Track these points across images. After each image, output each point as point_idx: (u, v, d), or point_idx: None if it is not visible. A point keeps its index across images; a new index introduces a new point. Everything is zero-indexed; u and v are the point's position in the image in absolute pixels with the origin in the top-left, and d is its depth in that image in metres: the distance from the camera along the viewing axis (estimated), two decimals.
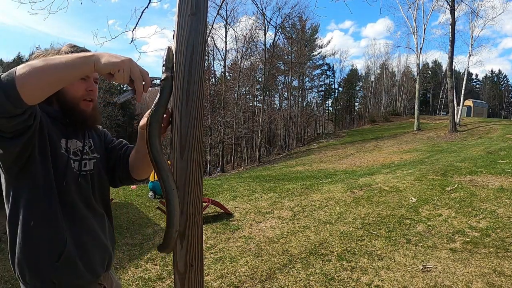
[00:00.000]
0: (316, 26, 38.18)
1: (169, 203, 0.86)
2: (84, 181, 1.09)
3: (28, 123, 0.86)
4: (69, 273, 1.01)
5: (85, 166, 1.11)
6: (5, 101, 0.76)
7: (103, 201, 1.19)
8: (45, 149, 0.98)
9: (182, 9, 0.85)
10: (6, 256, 3.64)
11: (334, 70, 47.62)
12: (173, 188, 0.86)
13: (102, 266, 1.12)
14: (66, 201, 1.02)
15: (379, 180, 7.71)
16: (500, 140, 15.05)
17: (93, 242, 1.09)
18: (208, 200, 5.61)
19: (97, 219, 1.13)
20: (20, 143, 0.89)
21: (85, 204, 1.09)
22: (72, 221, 1.03)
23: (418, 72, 27.42)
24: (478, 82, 63.92)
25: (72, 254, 1.01)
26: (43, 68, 0.79)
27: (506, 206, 4.99)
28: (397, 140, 21.45)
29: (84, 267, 1.04)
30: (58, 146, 1.03)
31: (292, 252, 3.93)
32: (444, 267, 3.29)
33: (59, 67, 0.80)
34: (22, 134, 0.88)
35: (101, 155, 1.20)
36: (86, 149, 1.13)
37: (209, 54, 28.47)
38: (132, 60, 0.86)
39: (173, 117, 0.87)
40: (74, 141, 1.10)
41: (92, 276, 1.08)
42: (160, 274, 3.43)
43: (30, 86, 0.77)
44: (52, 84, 0.82)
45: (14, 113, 0.79)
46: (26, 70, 0.77)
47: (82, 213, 1.07)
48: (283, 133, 36.99)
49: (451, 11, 19.06)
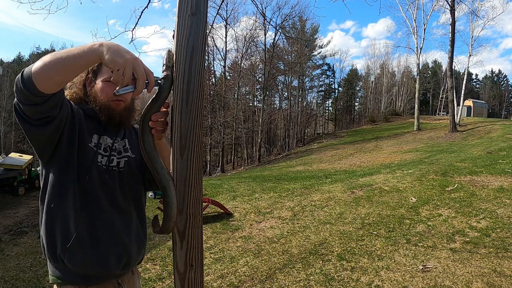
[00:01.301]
0: (316, 26, 38.24)
1: (166, 195, 0.86)
2: (110, 177, 1.13)
3: (52, 113, 0.97)
4: (78, 259, 1.06)
5: (112, 162, 1.15)
6: (25, 90, 0.88)
7: (135, 200, 1.21)
8: (73, 141, 1.07)
9: (182, 9, 0.85)
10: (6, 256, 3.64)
11: (334, 70, 47.66)
12: (169, 180, 0.86)
13: (117, 265, 1.12)
14: (88, 193, 1.08)
15: (379, 180, 7.71)
16: (500, 140, 15.04)
17: (110, 238, 1.10)
18: (208, 200, 5.61)
19: (122, 216, 1.15)
20: (47, 131, 0.99)
21: (109, 199, 1.12)
22: (91, 212, 1.08)
23: (418, 72, 27.41)
24: (478, 82, 63.94)
25: (84, 242, 1.06)
26: (51, 60, 0.86)
27: (506, 206, 4.99)
28: (397, 140, 21.45)
29: (94, 259, 1.07)
30: (88, 141, 1.11)
31: (292, 252, 3.93)
32: (444, 267, 3.29)
33: (66, 58, 0.86)
34: (47, 123, 0.98)
35: (137, 155, 1.23)
36: (116, 146, 1.18)
37: (209, 54, 28.44)
38: (137, 60, 0.86)
39: (173, 117, 0.87)
40: (105, 137, 1.16)
41: (103, 270, 1.09)
42: (160, 274, 3.43)
43: (42, 76, 0.86)
44: (61, 73, 0.87)
45: (35, 101, 0.90)
46: (39, 63, 0.87)
47: (102, 208, 1.10)
48: (283, 133, 37.00)
49: (451, 11, 19.05)
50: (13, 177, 9.08)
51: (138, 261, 1.25)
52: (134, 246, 1.17)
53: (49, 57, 0.87)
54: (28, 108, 0.92)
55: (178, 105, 0.85)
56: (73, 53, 0.86)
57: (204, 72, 0.90)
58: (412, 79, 41.66)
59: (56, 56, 0.86)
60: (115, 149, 1.17)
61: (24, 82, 0.87)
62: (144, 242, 1.24)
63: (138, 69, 0.85)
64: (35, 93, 0.88)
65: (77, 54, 0.86)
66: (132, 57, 0.85)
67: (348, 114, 51.48)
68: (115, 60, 0.83)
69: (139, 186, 1.23)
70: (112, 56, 0.83)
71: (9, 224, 6.04)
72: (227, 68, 31.00)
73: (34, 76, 0.86)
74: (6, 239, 4.23)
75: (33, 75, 0.86)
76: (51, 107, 0.95)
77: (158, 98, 0.89)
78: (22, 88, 0.87)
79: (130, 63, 0.84)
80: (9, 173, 9.04)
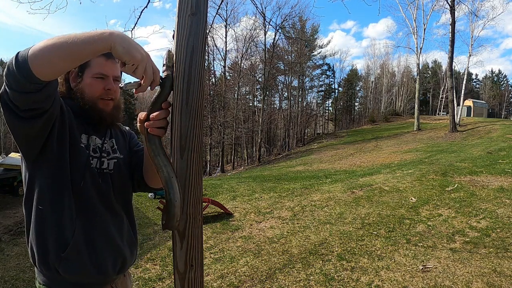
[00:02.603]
0: (316, 26, 38.23)
1: (169, 193, 0.84)
2: (103, 180, 1.08)
3: (44, 105, 0.87)
4: (75, 267, 1.00)
5: (103, 165, 1.10)
6: (18, 74, 0.77)
7: (124, 202, 1.17)
8: (64, 140, 0.99)
9: (182, 9, 0.85)
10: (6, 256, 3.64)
11: (334, 70, 47.65)
12: (172, 176, 0.85)
13: (113, 269, 1.09)
14: (83, 197, 1.02)
15: (379, 180, 7.71)
16: (500, 140, 15.03)
17: (106, 242, 1.07)
18: (208, 200, 5.60)
19: (115, 220, 1.11)
20: (35, 126, 0.89)
21: (103, 203, 1.07)
22: (86, 218, 1.03)
23: (418, 72, 27.41)
24: (478, 82, 63.93)
25: (80, 248, 1.00)
26: (55, 42, 0.77)
27: (506, 206, 4.99)
28: (397, 140, 21.45)
29: (92, 265, 1.02)
30: (78, 140, 1.04)
31: (292, 252, 3.93)
32: (444, 267, 3.29)
33: (73, 41, 0.77)
34: (37, 117, 0.88)
35: (125, 156, 1.19)
36: (105, 147, 1.12)
37: (209, 54, 28.44)
38: (150, 57, 0.83)
39: (173, 117, 0.86)
40: (94, 137, 1.09)
41: (101, 276, 1.05)
42: (160, 274, 3.43)
43: (40, 60, 0.77)
44: (64, 59, 0.79)
45: (27, 89, 0.80)
46: (41, 45, 0.78)
47: (98, 212, 1.06)
48: (283, 133, 36.99)
49: (451, 11, 19.05)
50: (13, 177, 9.08)
51: (131, 263, 1.21)
52: (127, 249, 1.14)
53: (52, 40, 0.78)
54: (18, 96, 0.81)
55: (178, 105, 0.85)
56: (81, 38, 0.78)
57: (204, 72, 0.90)
58: (412, 79, 41.67)
59: (60, 40, 0.77)
60: (105, 150, 1.11)
61: (18, 65, 0.77)
62: (136, 244, 1.21)
63: (148, 67, 0.82)
64: (29, 78, 0.78)
65: (85, 39, 0.78)
66: (146, 54, 0.82)
67: (348, 114, 51.47)
68: (132, 54, 0.79)
69: (128, 187, 1.20)
70: (129, 49, 0.78)
71: (9, 224, 6.04)
72: (227, 68, 31.02)
73: (31, 58, 0.77)
74: (6, 239, 4.23)
75: (30, 57, 0.77)
76: (44, 98, 0.85)
77: (160, 96, 0.89)
78: (15, 71, 0.77)
79: (146, 60, 0.81)
80: (9, 173, 9.04)
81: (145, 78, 0.83)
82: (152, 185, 1.19)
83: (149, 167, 1.12)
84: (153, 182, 1.18)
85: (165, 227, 0.89)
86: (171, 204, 0.85)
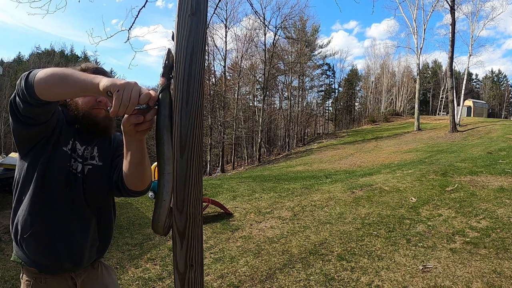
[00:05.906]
0: (316, 26, 38.27)
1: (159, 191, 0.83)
2: (74, 182, 1.20)
3: (40, 119, 1.05)
4: (34, 248, 1.17)
5: (78, 169, 1.22)
6: (24, 91, 0.96)
7: (97, 207, 1.27)
8: (49, 143, 1.15)
9: (182, 9, 0.85)
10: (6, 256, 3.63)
11: (334, 70, 47.69)
12: (168, 172, 0.85)
13: (68, 259, 1.20)
14: (51, 193, 1.16)
15: (379, 180, 7.71)
16: (500, 140, 15.04)
17: (63, 235, 1.18)
18: (208, 200, 5.60)
19: (81, 220, 1.22)
20: (28, 132, 1.08)
21: (68, 202, 1.18)
22: (48, 213, 1.16)
23: (418, 72, 27.41)
24: (478, 82, 63.91)
25: (38, 236, 1.16)
26: (60, 74, 0.93)
27: (506, 206, 4.99)
28: (397, 140, 21.46)
29: (47, 251, 1.17)
30: (63, 144, 1.19)
31: (292, 252, 3.93)
32: (444, 267, 3.29)
33: (73, 79, 0.91)
34: (32, 125, 1.06)
35: (104, 163, 1.28)
36: (85, 153, 1.24)
37: (209, 54, 28.43)
38: (136, 85, 0.84)
39: (173, 117, 0.86)
40: (76, 143, 1.23)
41: (54, 263, 1.19)
42: (160, 274, 3.43)
43: (43, 85, 0.94)
44: (59, 95, 0.97)
45: (30, 102, 0.97)
46: (47, 72, 0.94)
47: (61, 208, 1.17)
48: (283, 133, 36.99)
49: (451, 11, 19.05)
50: (13, 177, 9.07)
51: (94, 259, 1.31)
52: (87, 246, 1.24)
53: (58, 70, 0.94)
54: (21, 104, 0.99)
55: (178, 105, 0.85)
56: (81, 77, 0.91)
57: (204, 72, 0.90)
58: (412, 79, 41.64)
59: (64, 73, 0.93)
60: (82, 156, 1.23)
61: (26, 84, 0.95)
62: (104, 242, 1.32)
63: (126, 93, 0.82)
64: (32, 96, 0.95)
65: (83, 80, 0.90)
66: (132, 82, 0.84)
67: (348, 114, 51.50)
68: (113, 83, 0.83)
69: (104, 193, 1.28)
70: (111, 81, 0.84)
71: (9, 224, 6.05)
72: (227, 68, 31.00)
73: (36, 82, 0.93)
74: (6, 239, 4.23)
75: (36, 81, 0.93)
76: (42, 113, 1.03)
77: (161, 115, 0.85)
78: (23, 86, 0.95)
79: (130, 86, 0.82)
80: (9, 173, 9.03)
81: (115, 99, 0.81)
82: (133, 188, 1.20)
83: (133, 171, 1.13)
84: (133, 184, 1.19)
85: (154, 230, 0.90)
86: (159, 203, 0.85)
